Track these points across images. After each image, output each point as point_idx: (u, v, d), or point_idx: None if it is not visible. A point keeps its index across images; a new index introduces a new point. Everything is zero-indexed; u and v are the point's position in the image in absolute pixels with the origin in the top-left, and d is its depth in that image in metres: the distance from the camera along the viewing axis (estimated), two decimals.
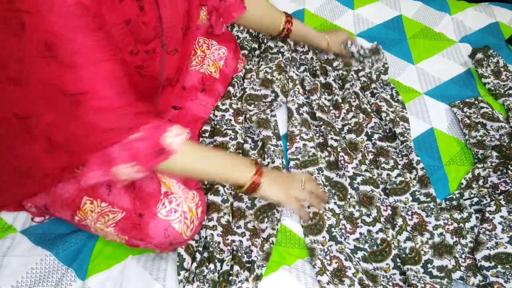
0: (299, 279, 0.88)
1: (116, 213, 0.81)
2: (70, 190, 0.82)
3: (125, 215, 0.81)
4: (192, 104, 1.09)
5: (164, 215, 0.80)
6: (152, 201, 0.80)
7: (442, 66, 1.37)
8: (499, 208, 0.98)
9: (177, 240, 0.83)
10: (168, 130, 0.73)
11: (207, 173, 0.83)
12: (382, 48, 1.32)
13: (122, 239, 0.84)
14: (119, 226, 0.81)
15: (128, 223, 0.81)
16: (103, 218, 0.81)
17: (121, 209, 0.81)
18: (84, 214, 0.82)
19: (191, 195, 0.84)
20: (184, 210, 0.81)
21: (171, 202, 0.81)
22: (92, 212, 0.82)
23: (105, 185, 0.81)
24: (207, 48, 1.14)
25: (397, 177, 1.04)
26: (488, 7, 1.58)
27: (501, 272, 0.89)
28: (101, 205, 0.81)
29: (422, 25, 1.50)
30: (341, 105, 1.18)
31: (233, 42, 1.20)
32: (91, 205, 0.82)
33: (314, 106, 1.16)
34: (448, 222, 0.97)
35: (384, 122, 1.14)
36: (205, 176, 0.87)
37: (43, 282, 0.85)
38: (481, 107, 1.21)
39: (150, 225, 0.80)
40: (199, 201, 0.85)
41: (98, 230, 0.84)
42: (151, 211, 0.80)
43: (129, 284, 0.85)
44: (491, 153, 1.09)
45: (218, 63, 1.14)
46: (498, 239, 0.94)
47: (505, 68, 1.33)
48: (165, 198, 0.81)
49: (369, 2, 1.57)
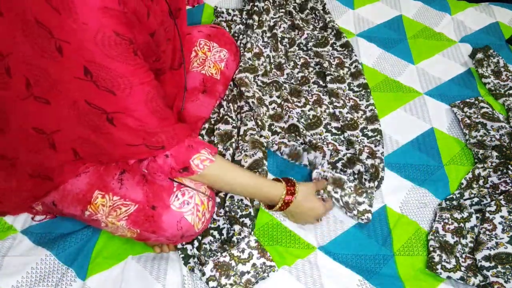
0: (299, 279, 0.88)
1: (128, 206, 0.82)
2: (80, 185, 0.83)
3: (137, 207, 0.81)
4: (192, 105, 1.10)
5: (177, 207, 0.81)
6: (165, 193, 0.82)
7: (442, 66, 1.37)
8: (499, 208, 0.98)
9: (189, 232, 0.84)
10: (200, 152, 0.80)
11: (236, 191, 0.91)
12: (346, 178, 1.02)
13: (133, 232, 0.84)
14: (131, 219, 0.82)
15: (141, 215, 0.82)
16: (115, 212, 0.82)
17: (133, 201, 0.82)
18: (95, 208, 0.83)
19: (203, 189, 0.85)
20: (197, 203, 0.83)
21: (184, 194, 0.82)
22: (104, 206, 0.82)
23: (117, 179, 0.82)
24: (208, 50, 1.14)
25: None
26: (488, 7, 1.58)
27: (501, 272, 0.89)
28: (113, 198, 0.82)
29: (423, 25, 1.50)
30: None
31: (234, 45, 1.21)
32: (102, 199, 0.82)
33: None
34: (448, 222, 0.97)
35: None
36: (232, 190, 0.92)
37: (43, 282, 0.85)
38: (481, 107, 1.21)
39: (163, 217, 0.81)
40: (210, 194, 0.87)
41: (109, 225, 0.84)
42: (164, 203, 0.81)
43: (129, 284, 0.85)
44: (491, 153, 1.09)
45: (219, 65, 1.15)
46: (498, 239, 0.94)
47: (505, 68, 1.33)
48: (178, 190, 0.82)
49: (369, 2, 1.57)
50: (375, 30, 1.47)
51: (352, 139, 1.10)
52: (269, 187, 0.91)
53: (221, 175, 0.84)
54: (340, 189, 0.97)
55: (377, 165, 1.04)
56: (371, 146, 1.10)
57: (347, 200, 0.97)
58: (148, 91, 0.71)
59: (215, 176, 0.83)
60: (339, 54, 1.33)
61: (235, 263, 0.87)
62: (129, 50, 0.66)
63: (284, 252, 0.93)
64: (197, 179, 0.83)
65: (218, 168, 0.83)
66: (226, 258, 0.88)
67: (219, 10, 1.44)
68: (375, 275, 0.91)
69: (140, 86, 0.69)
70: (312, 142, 1.08)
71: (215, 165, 0.81)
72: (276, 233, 0.96)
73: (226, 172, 0.86)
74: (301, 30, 1.38)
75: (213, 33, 1.16)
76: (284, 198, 0.90)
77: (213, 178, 0.83)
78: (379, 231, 0.98)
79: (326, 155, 1.05)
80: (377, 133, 1.13)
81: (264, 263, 0.89)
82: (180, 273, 0.87)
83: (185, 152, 0.78)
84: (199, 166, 0.79)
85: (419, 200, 1.04)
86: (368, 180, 1.03)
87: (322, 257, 0.93)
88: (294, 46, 1.35)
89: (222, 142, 1.07)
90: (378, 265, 0.93)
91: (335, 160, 1.05)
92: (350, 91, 1.24)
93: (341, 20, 1.48)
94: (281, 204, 0.91)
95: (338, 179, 0.98)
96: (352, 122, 1.15)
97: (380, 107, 1.22)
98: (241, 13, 1.43)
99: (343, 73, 1.27)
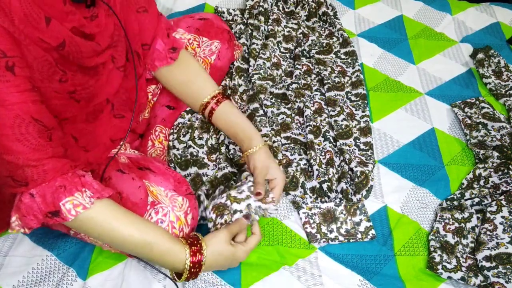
0: (300, 279, 0.88)
1: None
2: None
3: None
4: (183, 102, 1.09)
5: (154, 221, 0.79)
6: (139, 211, 0.78)
7: (443, 66, 1.37)
8: (500, 208, 0.98)
9: None
10: (73, 195, 0.68)
11: (120, 247, 0.77)
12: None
13: (116, 250, 0.83)
14: None
15: None
16: None
17: None
18: None
19: (179, 203, 0.82)
20: (172, 220, 0.79)
21: (157, 212, 0.79)
22: None
23: None
24: (198, 46, 1.10)
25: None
26: (489, 7, 1.58)
27: (502, 272, 0.89)
28: None
29: (423, 25, 1.50)
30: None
31: (226, 32, 1.16)
32: None
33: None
34: (449, 222, 0.97)
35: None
36: (121, 249, 0.79)
37: (44, 281, 0.85)
38: (482, 107, 1.21)
39: None
40: (188, 208, 0.83)
41: (93, 242, 0.84)
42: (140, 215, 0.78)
43: (129, 283, 0.85)
44: (492, 153, 1.09)
45: (209, 59, 1.11)
46: (499, 239, 0.94)
47: (506, 68, 1.33)
48: (151, 208, 0.79)
49: (370, 2, 1.56)
50: (376, 30, 1.47)
51: (343, 148, 1.08)
52: (167, 249, 0.75)
53: (98, 223, 0.71)
54: (334, 222, 0.96)
55: (367, 173, 1.03)
56: (362, 158, 1.09)
57: (346, 228, 0.96)
58: (17, 115, 0.61)
59: (88, 224, 0.71)
60: (342, 62, 1.32)
61: (230, 203, 0.85)
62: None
63: (284, 252, 0.93)
64: (71, 226, 0.73)
65: (96, 216, 0.71)
66: (223, 199, 0.86)
67: (219, 10, 1.44)
68: (375, 275, 0.91)
69: (8, 106, 0.60)
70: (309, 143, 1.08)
71: (92, 212, 0.70)
72: (277, 233, 0.96)
73: (105, 221, 0.72)
74: (306, 37, 1.37)
75: (202, 27, 1.12)
76: (191, 261, 0.75)
77: (86, 226, 0.71)
78: (379, 231, 0.98)
79: (314, 174, 1.03)
80: (369, 148, 1.11)
81: (260, 206, 0.86)
82: None
83: (53, 193, 0.67)
84: (71, 212, 0.68)
85: (420, 200, 1.04)
86: (353, 193, 1.01)
87: (323, 257, 0.93)
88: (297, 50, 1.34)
89: (201, 129, 1.08)
90: (379, 265, 0.93)
91: (321, 181, 1.02)
92: (348, 100, 1.22)
93: (341, 20, 1.48)
94: (187, 273, 0.76)
95: (327, 212, 0.97)
96: (346, 129, 1.14)
97: (381, 107, 1.23)
98: (242, 13, 1.43)
99: (344, 81, 1.26)
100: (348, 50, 1.34)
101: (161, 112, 1.06)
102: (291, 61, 1.31)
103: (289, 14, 1.44)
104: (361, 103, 1.21)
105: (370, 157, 1.09)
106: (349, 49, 1.34)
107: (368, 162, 1.07)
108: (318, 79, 1.26)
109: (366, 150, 1.11)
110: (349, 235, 0.95)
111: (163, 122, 1.06)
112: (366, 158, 1.09)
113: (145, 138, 1.03)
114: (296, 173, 1.02)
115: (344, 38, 1.37)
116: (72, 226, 0.73)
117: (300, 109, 1.17)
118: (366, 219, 0.97)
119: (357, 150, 1.11)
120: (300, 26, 1.39)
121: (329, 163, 1.06)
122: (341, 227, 0.96)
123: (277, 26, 1.36)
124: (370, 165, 1.06)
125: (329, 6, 1.46)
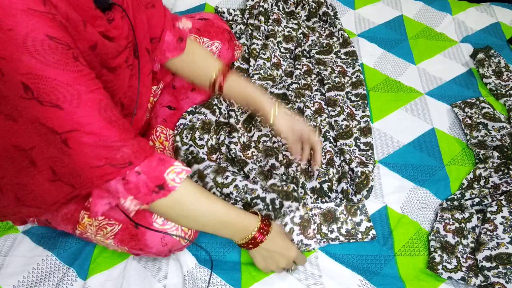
0: (300, 280, 0.88)
1: (113, 225, 0.81)
2: (68, 205, 0.81)
3: (122, 226, 0.80)
4: (184, 103, 1.10)
5: (160, 224, 0.80)
6: (147, 211, 0.78)
7: (443, 66, 1.37)
8: (500, 209, 0.98)
9: (176, 247, 0.83)
10: (173, 165, 0.70)
11: (207, 217, 0.77)
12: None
13: (123, 249, 0.84)
14: (117, 238, 0.81)
15: (126, 234, 0.81)
16: (102, 231, 0.81)
17: (117, 221, 0.80)
18: (83, 227, 0.82)
19: None
20: None
21: None
22: (91, 225, 0.82)
23: None
24: None
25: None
26: (489, 7, 1.58)
27: (502, 272, 0.89)
28: (98, 218, 0.81)
29: (423, 25, 1.50)
30: None
31: (227, 32, 1.16)
32: (89, 219, 0.81)
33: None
34: (449, 222, 0.97)
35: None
36: (205, 219, 0.78)
37: (44, 281, 0.85)
38: (483, 107, 1.21)
39: (146, 235, 0.80)
40: None
41: (100, 242, 0.85)
42: (146, 221, 0.79)
43: (129, 283, 0.85)
44: (492, 154, 1.09)
45: None
46: (499, 240, 0.94)
47: (506, 68, 1.33)
48: None
49: (370, 2, 1.57)
50: (376, 30, 1.47)
51: (344, 149, 1.08)
52: (243, 217, 0.80)
53: (197, 196, 0.74)
54: (335, 222, 0.96)
55: (367, 173, 1.03)
56: (362, 158, 1.09)
57: (347, 228, 0.96)
58: (100, 100, 0.62)
59: (190, 196, 0.73)
60: (342, 62, 1.32)
61: None
62: (68, 55, 0.57)
63: None
64: (161, 208, 0.72)
65: (193, 187, 0.74)
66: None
67: (219, 10, 1.44)
68: (376, 275, 0.91)
69: (89, 94, 0.60)
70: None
71: (190, 183, 0.72)
72: None
73: (201, 190, 0.75)
74: (306, 37, 1.37)
75: (202, 27, 1.13)
76: (255, 234, 0.80)
77: (187, 199, 0.73)
78: (380, 231, 0.98)
79: (314, 175, 1.03)
80: (369, 148, 1.11)
81: (302, 240, 0.90)
82: (181, 273, 0.87)
83: (157, 166, 0.68)
84: (175, 180, 0.69)
85: (420, 200, 1.04)
86: (354, 193, 1.01)
87: (323, 257, 0.93)
88: (298, 50, 1.35)
89: (202, 130, 1.08)
90: (379, 266, 0.93)
91: (321, 181, 1.02)
92: (348, 100, 1.22)
93: (342, 20, 1.48)
94: (248, 239, 0.80)
95: (327, 212, 0.97)
96: (347, 129, 1.14)
97: (381, 107, 1.23)
98: (242, 13, 1.43)
99: (344, 81, 1.26)
100: (348, 50, 1.34)
101: (162, 113, 1.07)
102: (291, 61, 1.31)
103: (289, 14, 1.44)
104: (361, 103, 1.21)
105: (370, 157, 1.09)
106: (349, 49, 1.34)
107: (368, 162, 1.07)
108: (318, 79, 1.26)
109: (366, 150, 1.11)
110: (349, 235, 0.95)
111: (164, 123, 1.07)
112: (367, 158, 1.09)
113: (146, 138, 1.03)
114: (296, 173, 1.02)
115: (344, 38, 1.37)
116: (163, 206, 0.71)
117: (300, 109, 1.17)
118: (367, 219, 0.97)
119: (358, 150, 1.11)
120: (300, 26, 1.39)
121: (330, 163, 1.06)
122: (341, 227, 0.96)
123: (277, 26, 1.36)
124: (370, 165, 1.06)
125: (329, 6, 1.47)
